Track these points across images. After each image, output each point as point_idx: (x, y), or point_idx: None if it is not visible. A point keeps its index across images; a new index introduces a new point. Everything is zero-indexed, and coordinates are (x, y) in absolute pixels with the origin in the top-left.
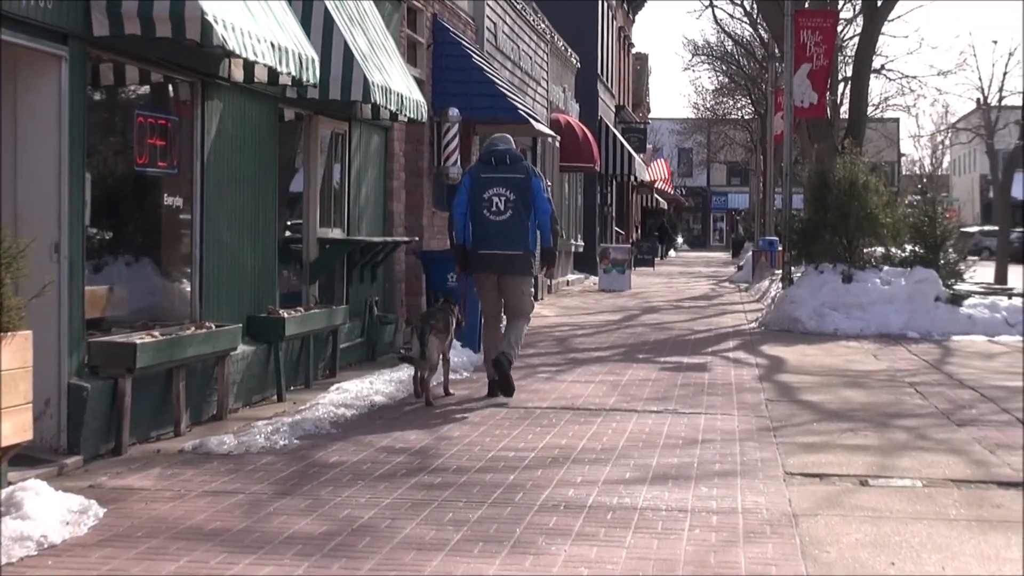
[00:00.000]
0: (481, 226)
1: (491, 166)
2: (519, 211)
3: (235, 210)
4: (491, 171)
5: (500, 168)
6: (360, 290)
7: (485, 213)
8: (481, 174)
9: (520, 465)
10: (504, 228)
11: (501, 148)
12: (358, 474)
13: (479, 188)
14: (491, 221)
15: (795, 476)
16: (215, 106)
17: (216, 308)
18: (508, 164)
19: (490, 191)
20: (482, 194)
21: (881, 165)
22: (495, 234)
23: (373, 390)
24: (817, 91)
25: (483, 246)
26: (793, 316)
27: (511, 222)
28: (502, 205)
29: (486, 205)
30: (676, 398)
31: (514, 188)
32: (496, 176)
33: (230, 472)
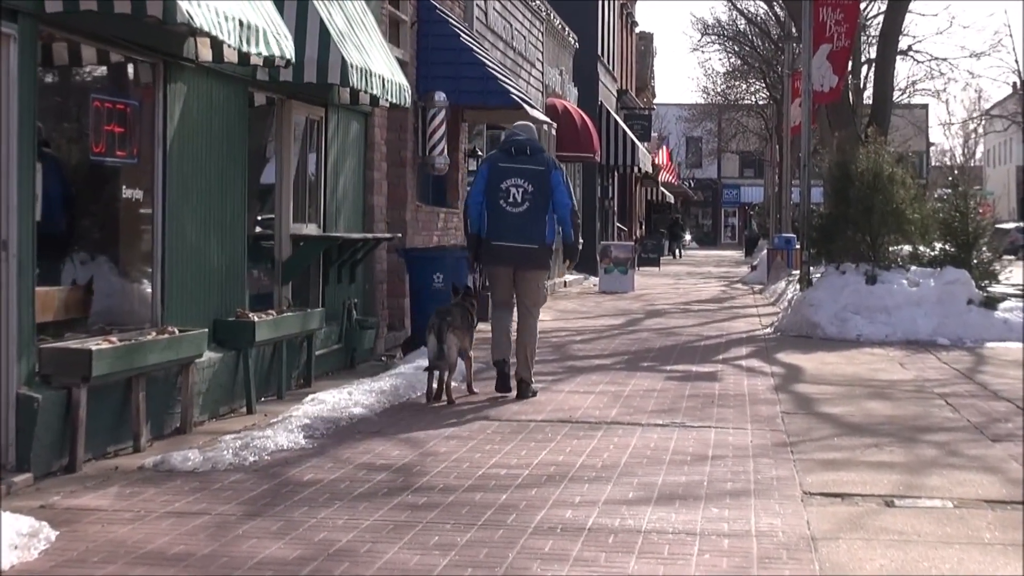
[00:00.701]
0: (497, 217)
1: (510, 156)
2: (537, 204)
3: (200, 203)
4: (510, 161)
5: (519, 159)
6: (337, 291)
7: (502, 204)
8: (499, 163)
9: (513, 484)
10: (520, 220)
11: (522, 138)
12: (335, 493)
13: (496, 178)
14: (507, 212)
15: (814, 496)
16: (179, 90)
17: (180, 311)
18: (528, 155)
19: (508, 181)
20: (499, 184)
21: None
22: (511, 226)
23: (352, 401)
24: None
25: (497, 238)
26: (812, 321)
27: (528, 214)
28: (519, 197)
29: (503, 196)
30: (684, 410)
31: (533, 180)
32: (515, 167)
33: (195, 491)
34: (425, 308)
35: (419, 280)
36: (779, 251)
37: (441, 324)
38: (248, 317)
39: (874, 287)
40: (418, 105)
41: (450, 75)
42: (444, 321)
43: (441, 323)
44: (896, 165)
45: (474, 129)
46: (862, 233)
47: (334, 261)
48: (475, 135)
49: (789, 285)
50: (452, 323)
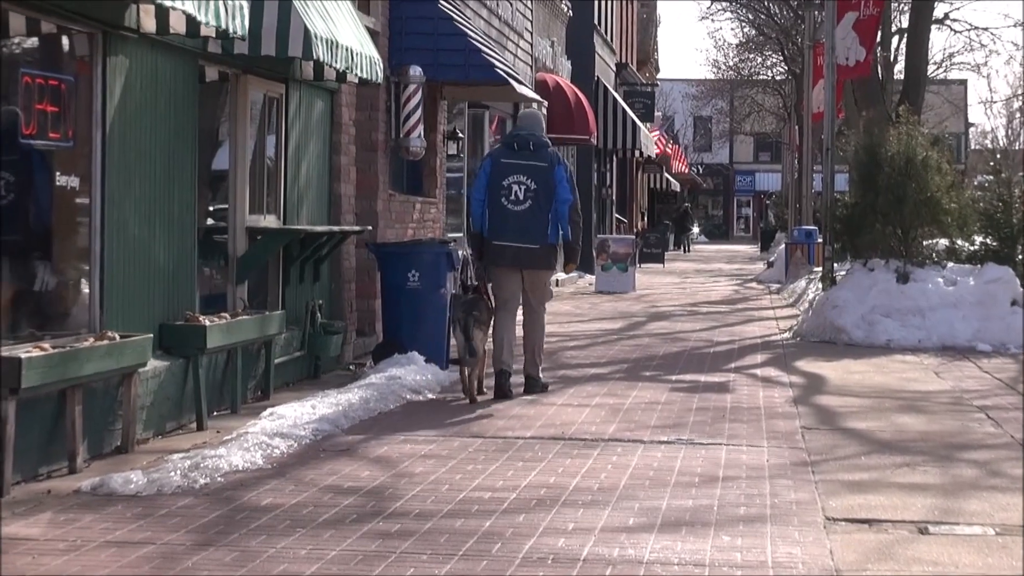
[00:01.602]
0: (498, 215)
1: (513, 151)
2: (539, 202)
3: (145, 192)
4: (513, 156)
5: (523, 154)
6: (299, 292)
7: (503, 201)
8: (502, 159)
9: (498, 509)
10: (522, 219)
11: (524, 133)
12: (297, 520)
13: (498, 174)
14: (509, 211)
15: (838, 522)
16: (120, 63)
17: (121, 314)
18: (532, 151)
19: (510, 178)
20: (501, 181)
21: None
22: (512, 225)
23: (316, 416)
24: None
25: (499, 237)
26: (836, 324)
27: (529, 213)
28: (521, 194)
29: (504, 193)
30: (691, 425)
31: (536, 177)
32: (517, 163)
33: (138, 517)
34: (398, 310)
35: (392, 279)
36: (799, 246)
37: (468, 319)
38: (198, 321)
39: (906, 286)
40: (391, 81)
41: (427, 47)
42: (471, 316)
43: (468, 318)
44: (931, 148)
45: (454, 108)
46: (892, 225)
47: (296, 257)
48: (455, 115)
49: (810, 284)
50: (479, 318)
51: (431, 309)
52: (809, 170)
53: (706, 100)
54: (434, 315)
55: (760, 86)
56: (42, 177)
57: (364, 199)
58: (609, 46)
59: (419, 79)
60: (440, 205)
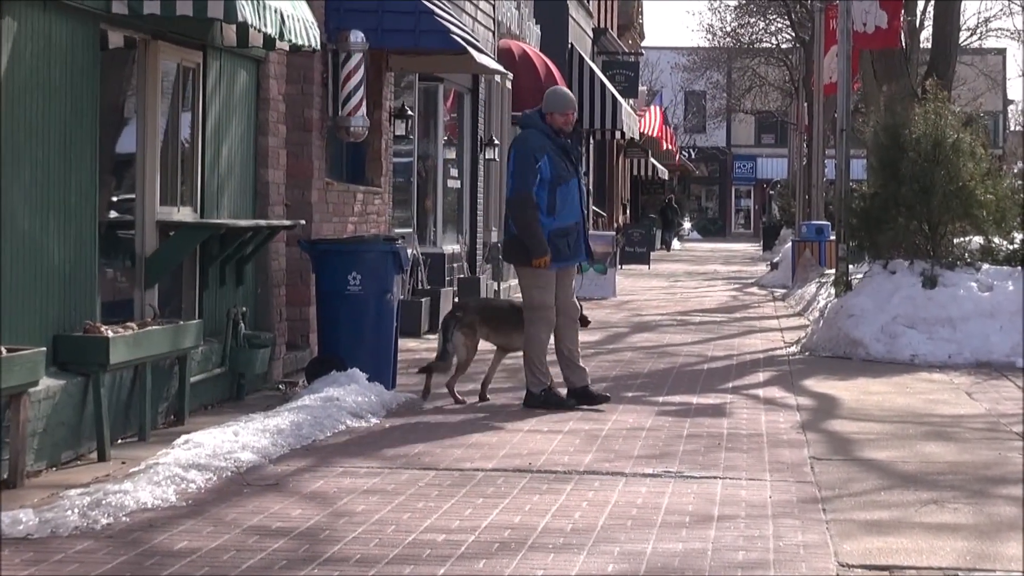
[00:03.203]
0: None
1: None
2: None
3: (36, 179)
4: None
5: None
6: (220, 298)
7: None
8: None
9: (454, 553)
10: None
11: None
12: (217, 567)
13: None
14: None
15: (854, 569)
16: (7, 28)
17: (8, 324)
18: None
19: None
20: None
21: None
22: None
23: (239, 444)
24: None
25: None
26: (851, 337)
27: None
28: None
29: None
30: (681, 455)
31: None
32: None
33: (28, 563)
34: (337, 320)
35: (329, 283)
36: (808, 244)
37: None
38: (100, 332)
39: (933, 292)
40: (328, 49)
41: (370, 9)
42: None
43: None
44: (963, 130)
45: (403, 80)
46: (918, 220)
47: (216, 257)
48: (404, 89)
49: (821, 289)
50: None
51: (375, 318)
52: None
53: (699, 72)
54: (379, 325)
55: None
56: None
57: (296, 188)
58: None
59: (361, 47)
60: (386, 195)
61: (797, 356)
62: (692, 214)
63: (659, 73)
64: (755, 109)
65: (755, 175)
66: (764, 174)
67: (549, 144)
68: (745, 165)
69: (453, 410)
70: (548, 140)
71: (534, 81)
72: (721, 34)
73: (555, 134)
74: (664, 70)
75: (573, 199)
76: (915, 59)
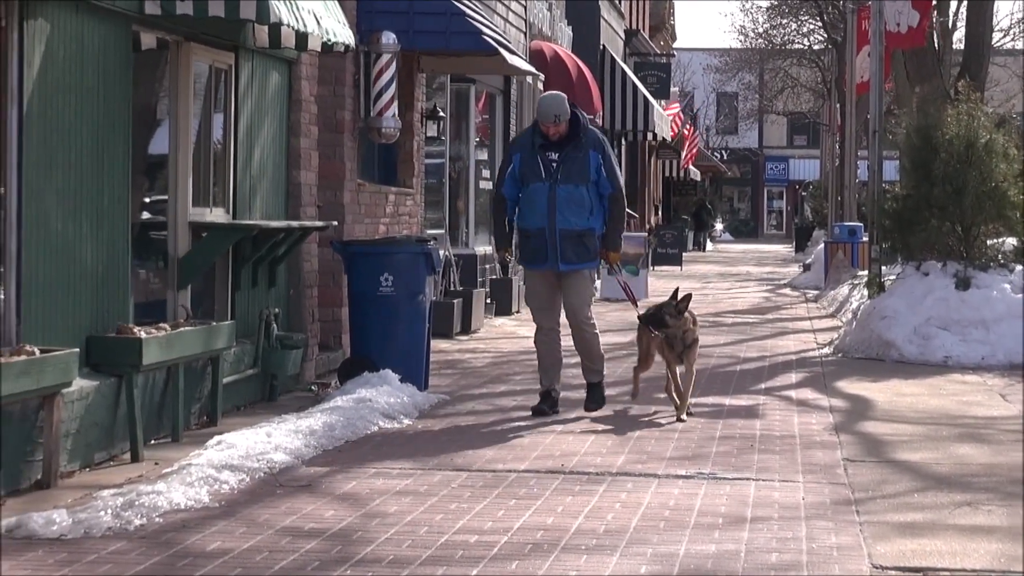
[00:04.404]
0: None
1: None
2: None
3: (70, 182)
4: None
5: None
6: (253, 299)
7: None
8: None
9: (486, 555)
10: None
11: None
12: (249, 568)
13: None
14: None
15: (887, 571)
16: (40, 29)
17: (42, 325)
18: None
19: None
20: None
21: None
22: None
23: (271, 445)
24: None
25: None
26: (884, 338)
27: None
28: None
29: None
30: (714, 457)
31: None
32: None
33: (62, 564)
34: (369, 321)
35: (361, 283)
36: (840, 245)
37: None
38: (133, 333)
39: (967, 293)
40: (360, 50)
41: (402, 10)
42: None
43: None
44: (996, 131)
45: (434, 82)
46: (950, 222)
47: (248, 258)
48: (436, 90)
49: (854, 291)
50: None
51: (407, 319)
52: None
53: (731, 73)
54: (411, 327)
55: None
56: None
57: (328, 189)
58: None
59: (393, 48)
60: (418, 196)
61: (830, 357)
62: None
63: (691, 74)
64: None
65: (787, 176)
66: (796, 175)
67: (529, 143)
68: (777, 166)
69: (485, 411)
70: (531, 140)
71: (566, 82)
72: (753, 35)
73: (544, 137)
74: (696, 71)
75: (537, 204)
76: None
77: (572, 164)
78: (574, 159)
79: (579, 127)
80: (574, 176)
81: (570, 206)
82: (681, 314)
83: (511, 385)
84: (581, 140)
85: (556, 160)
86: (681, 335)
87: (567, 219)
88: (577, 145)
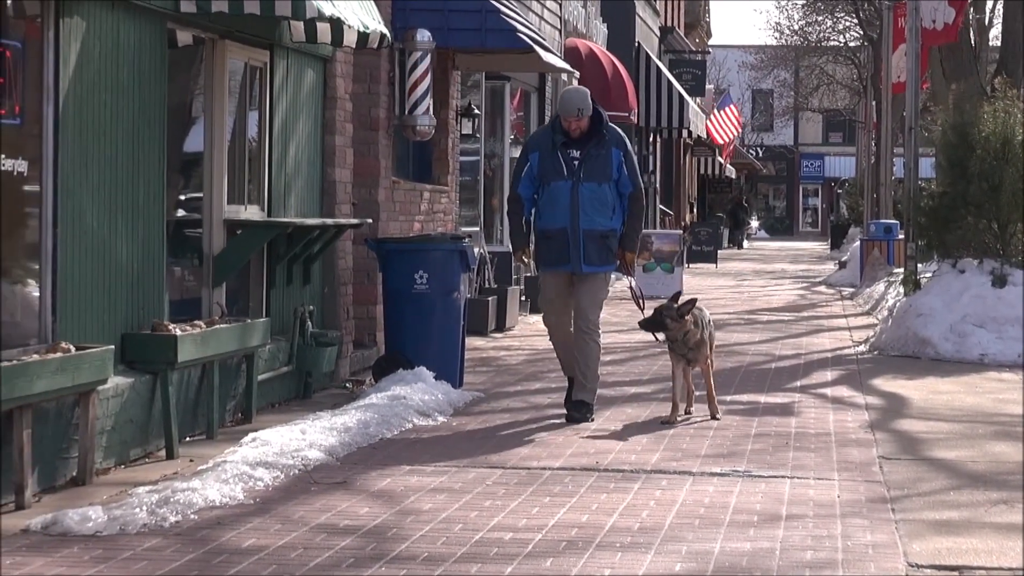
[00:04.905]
0: None
1: None
2: None
3: (105, 178)
4: None
5: None
6: (287, 296)
7: None
8: None
9: (521, 552)
10: None
11: None
12: (284, 565)
13: None
14: None
15: (923, 569)
16: (76, 27)
17: (77, 322)
18: None
19: None
20: None
21: None
22: None
23: (306, 442)
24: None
25: None
26: (920, 336)
27: None
28: None
29: None
30: (748, 455)
31: None
32: None
33: (97, 561)
34: (403, 318)
35: (396, 281)
36: (876, 243)
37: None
38: (168, 330)
39: (1003, 291)
40: (395, 48)
41: (437, 8)
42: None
43: None
44: None
45: (469, 79)
46: (987, 219)
47: (283, 256)
48: (470, 87)
49: (889, 288)
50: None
51: (442, 317)
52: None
53: (767, 71)
54: (445, 324)
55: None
56: None
57: (363, 187)
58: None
59: (428, 46)
60: (452, 194)
61: (865, 355)
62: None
63: (726, 72)
64: (823, 107)
65: (823, 174)
66: (832, 173)
67: (548, 142)
68: (813, 164)
69: (520, 408)
70: (550, 138)
71: (601, 80)
72: (788, 32)
73: (565, 134)
74: (731, 68)
75: (559, 203)
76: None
77: (595, 162)
78: (596, 156)
79: (601, 124)
80: (596, 174)
81: (594, 205)
82: (682, 317)
83: (546, 383)
84: (604, 137)
85: (578, 158)
86: (682, 338)
87: (591, 219)
88: (600, 142)
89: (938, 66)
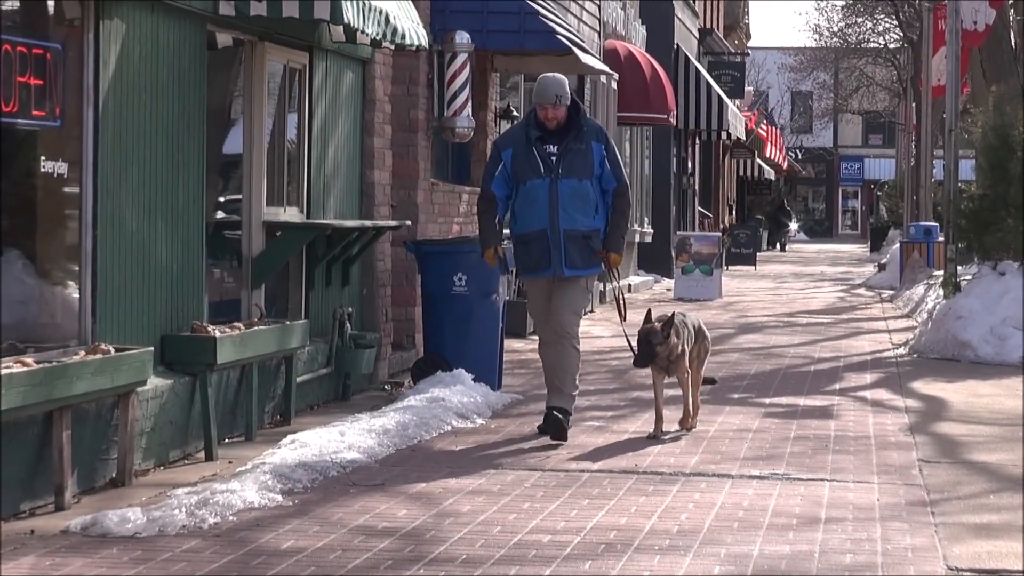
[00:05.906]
0: None
1: None
2: None
3: (144, 180)
4: None
5: None
6: (326, 298)
7: None
8: None
9: (559, 555)
10: None
11: None
12: (323, 566)
13: None
14: None
15: (962, 573)
16: (115, 29)
17: (117, 324)
18: None
19: None
20: None
21: None
22: None
23: (345, 444)
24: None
25: None
26: (960, 339)
27: None
28: None
29: None
30: (788, 457)
31: None
32: None
33: (137, 562)
34: (442, 320)
35: (434, 283)
36: (916, 245)
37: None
38: (207, 332)
39: None
40: (433, 50)
41: (476, 9)
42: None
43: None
44: None
45: (508, 81)
46: None
47: (321, 258)
48: (509, 89)
49: (929, 291)
50: None
51: (481, 319)
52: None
53: (806, 72)
54: (484, 326)
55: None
56: (24, 162)
57: (402, 189)
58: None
59: (467, 47)
60: None
61: (905, 358)
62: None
63: (765, 73)
64: (862, 109)
65: (862, 176)
66: (871, 175)
67: (522, 137)
68: (852, 166)
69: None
70: (524, 133)
71: (639, 82)
72: (828, 34)
73: (540, 127)
74: (771, 70)
75: (537, 203)
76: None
77: (574, 157)
78: (575, 151)
79: (579, 115)
80: (576, 170)
81: (574, 203)
82: (668, 338)
83: (584, 385)
84: (583, 130)
85: (555, 153)
86: (667, 353)
87: (572, 218)
88: (579, 135)
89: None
